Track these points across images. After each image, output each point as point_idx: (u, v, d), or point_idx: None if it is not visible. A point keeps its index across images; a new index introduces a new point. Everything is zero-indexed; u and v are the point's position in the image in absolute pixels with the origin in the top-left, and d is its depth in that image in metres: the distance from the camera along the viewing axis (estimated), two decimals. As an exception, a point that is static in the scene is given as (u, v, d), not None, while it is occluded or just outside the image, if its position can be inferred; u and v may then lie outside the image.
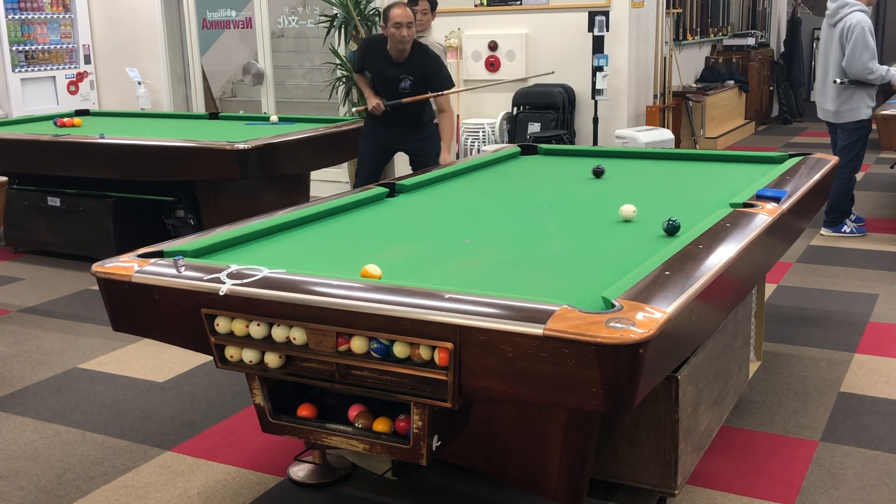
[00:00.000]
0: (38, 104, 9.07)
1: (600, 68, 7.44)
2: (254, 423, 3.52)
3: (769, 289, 5.13)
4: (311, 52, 9.74)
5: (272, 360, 2.46)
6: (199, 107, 9.50)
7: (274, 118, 6.70)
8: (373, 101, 5.60)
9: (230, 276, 2.49)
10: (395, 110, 5.59)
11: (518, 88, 7.91)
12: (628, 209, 3.21)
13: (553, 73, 7.07)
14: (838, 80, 6.08)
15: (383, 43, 5.48)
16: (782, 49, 13.11)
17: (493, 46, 8.10)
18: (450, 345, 2.17)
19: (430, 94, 5.52)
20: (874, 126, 6.32)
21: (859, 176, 8.51)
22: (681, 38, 10.18)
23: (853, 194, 6.36)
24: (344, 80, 8.39)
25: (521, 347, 2.08)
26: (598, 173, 4.03)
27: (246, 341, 2.47)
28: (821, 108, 6.35)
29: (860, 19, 5.97)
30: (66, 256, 6.32)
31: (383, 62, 5.51)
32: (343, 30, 8.28)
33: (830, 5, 6.19)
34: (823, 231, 6.37)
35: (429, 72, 5.50)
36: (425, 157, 5.71)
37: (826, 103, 6.25)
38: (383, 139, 5.75)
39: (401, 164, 8.42)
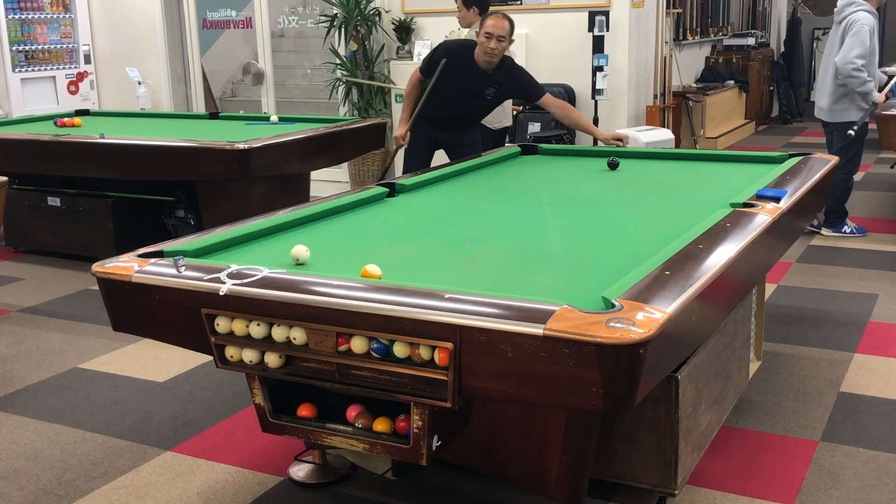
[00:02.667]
0: (38, 104, 9.07)
1: (600, 68, 7.44)
2: (254, 423, 3.52)
3: (769, 289, 5.13)
4: (311, 52, 9.74)
5: (272, 360, 2.46)
6: (199, 107, 9.51)
7: (274, 118, 6.71)
8: (400, 130, 5.47)
9: (230, 276, 2.49)
10: (449, 114, 5.42)
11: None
12: (299, 252, 2.74)
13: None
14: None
15: (469, 50, 5.25)
16: (782, 49, 13.11)
17: (493, 46, 8.08)
18: (450, 345, 2.17)
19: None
20: (875, 126, 6.31)
21: (858, 176, 8.52)
22: (681, 38, 10.18)
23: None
24: (344, 80, 8.40)
25: (521, 347, 2.08)
26: (612, 165, 4.19)
27: (246, 341, 2.47)
28: (817, 105, 6.33)
29: (863, 18, 5.92)
30: (66, 256, 6.32)
31: (470, 70, 5.26)
32: (343, 30, 8.29)
33: (839, 3, 6.16)
34: (824, 231, 6.37)
35: (518, 85, 5.36)
36: (463, 143, 5.54)
37: (821, 101, 6.23)
38: (430, 137, 5.58)
39: (402, 163, 8.41)
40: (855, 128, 6.00)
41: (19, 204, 6.32)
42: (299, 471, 3.23)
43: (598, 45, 7.50)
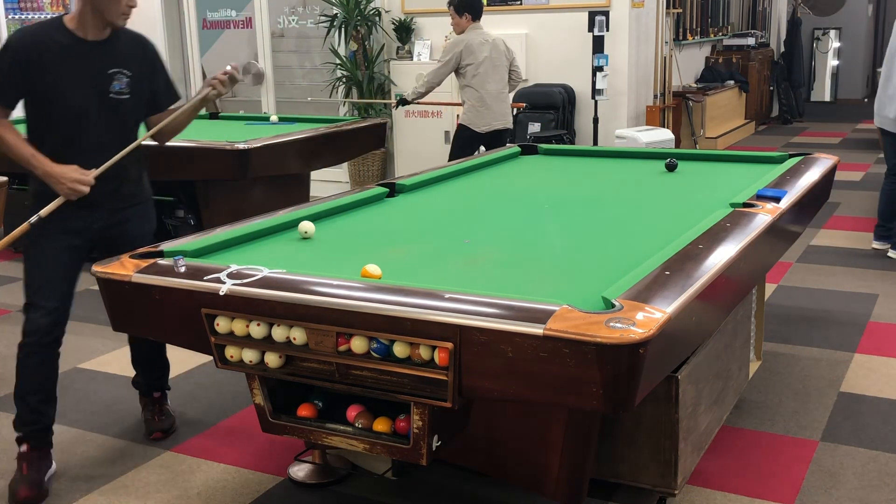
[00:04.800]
0: (38, 104, 9.06)
1: (600, 68, 7.44)
2: (254, 423, 3.51)
3: (769, 289, 5.13)
4: (311, 52, 9.74)
5: (272, 360, 2.46)
6: (199, 107, 9.49)
7: (274, 118, 6.71)
8: (68, 178, 3.21)
9: (230, 276, 2.49)
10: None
11: (518, 88, 7.91)
12: (305, 227, 3.09)
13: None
14: None
15: (55, 28, 3.20)
16: (782, 49, 13.11)
17: (493, 46, 8.08)
18: (450, 345, 2.17)
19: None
20: (874, 126, 6.28)
21: (858, 176, 8.53)
22: (681, 38, 10.18)
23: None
24: (344, 80, 8.40)
25: (521, 347, 2.08)
26: (671, 167, 4.11)
27: (246, 341, 2.47)
28: (878, 114, 5.94)
29: None
30: (66, 256, 6.30)
31: (71, 53, 3.19)
32: (343, 30, 8.29)
33: None
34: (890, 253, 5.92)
35: (157, 69, 3.42)
36: (132, 237, 3.39)
37: (885, 110, 5.82)
38: (76, 225, 3.44)
39: (401, 163, 8.42)
40: None
41: (19, 204, 6.30)
42: (299, 471, 3.23)
43: (598, 45, 7.50)
